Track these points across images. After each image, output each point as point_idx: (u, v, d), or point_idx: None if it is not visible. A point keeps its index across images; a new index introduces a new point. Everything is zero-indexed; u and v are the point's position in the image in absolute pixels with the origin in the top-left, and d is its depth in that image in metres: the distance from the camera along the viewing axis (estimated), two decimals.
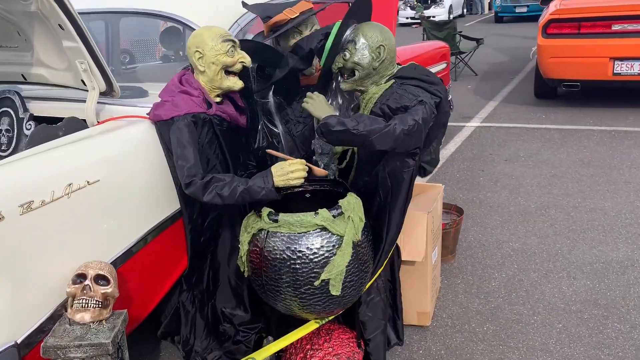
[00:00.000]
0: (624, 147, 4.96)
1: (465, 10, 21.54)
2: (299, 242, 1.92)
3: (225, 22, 2.62)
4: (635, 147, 4.96)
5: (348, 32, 2.05)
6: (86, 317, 1.67)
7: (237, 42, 2.14)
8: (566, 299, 2.78)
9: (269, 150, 2.09)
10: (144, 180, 2.09)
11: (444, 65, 4.88)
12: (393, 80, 2.05)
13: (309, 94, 2.10)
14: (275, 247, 1.95)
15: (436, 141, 2.16)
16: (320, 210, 1.94)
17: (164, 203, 2.16)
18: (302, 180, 1.97)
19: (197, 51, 2.07)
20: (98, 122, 2.24)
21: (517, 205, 3.94)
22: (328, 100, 2.17)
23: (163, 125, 2.08)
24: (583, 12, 5.94)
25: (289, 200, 2.21)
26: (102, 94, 2.25)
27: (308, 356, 2.19)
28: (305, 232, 1.93)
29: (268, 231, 1.97)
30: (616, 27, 5.79)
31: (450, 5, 18.91)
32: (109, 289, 1.72)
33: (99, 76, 2.19)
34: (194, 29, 2.43)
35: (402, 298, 2.50)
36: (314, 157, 2.28)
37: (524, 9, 16.87)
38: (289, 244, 1.93)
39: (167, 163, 2.14)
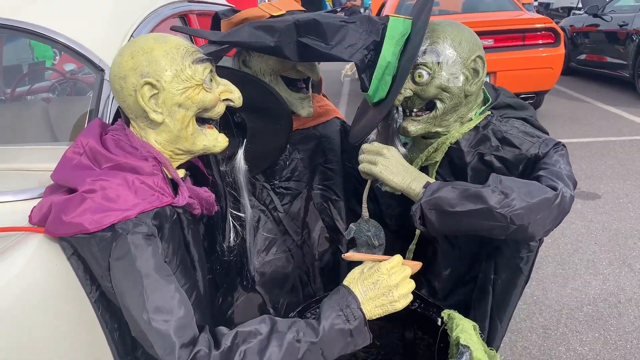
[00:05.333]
0: None
1: None
2: None
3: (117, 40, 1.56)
4: None
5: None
6: None
7: (213, 62, 1.13)
8: None
9: (347, 255, 1.10)
10: None
11: None
12: (488, 113, 1.26)
13: (370, 147, 1.19)
14: None
15: None
16: None
17: None
18: (411, 298, 1.05)
19: (148, 83, 1.02)
20: None
21: None
22: None
23: (88, 244, 0.98)
24: None
25: None
26: None
27: None
28: None
29: None
30: None
31: None
32: None
33: None
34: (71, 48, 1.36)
35: None
36: (349, 252, 1.35)
37: None
38: None
39: (96, 316, 1.03)
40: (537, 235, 1.06)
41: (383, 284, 1.02)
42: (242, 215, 1.42)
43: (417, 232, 1.45)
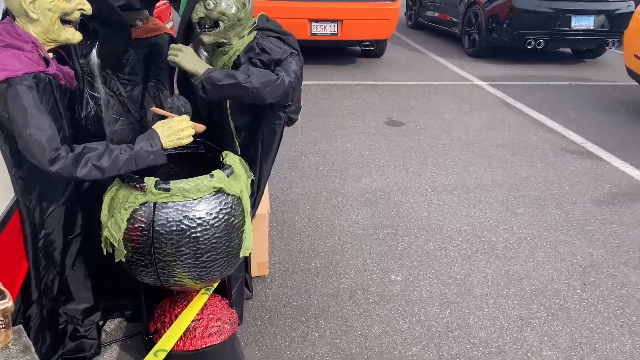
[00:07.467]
0: (335, 98, 5.80)
1: None
2: (197, 209, 1.81)
3: None
4: (344, 97, 5.84)
5: None
6: None
7: None
8: (361, 225, 3.26)
9: (153, 109, 1.83)
10: None
11: None
12: (256, 32, 2.03)
13: (174, 45, 1.91)
14: (169, 219, 1.79)
15: (298, 91, 2.22)
16: (214, 172, 1.84)
17: None
18: (192, 139, 1.81)
19: None
20: None
21: (279, 155, 4.25)
22: None
23: None
24: None
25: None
26: None
27: (191, 328, 2.07)
28: (201, 197, 1.82)
29: (155, 203, 1.78)
30: None
31: None
32: (7, 303, 1.31)
33: None
34: None
35: None
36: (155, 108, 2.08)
37: None
38: (186, 213, 1.79)
39: None
40: (268, 100, 1.85)
41: (174, 127, 1.76)
42: (97, 95, 2.09)
43: (231, 123, 2.19)
